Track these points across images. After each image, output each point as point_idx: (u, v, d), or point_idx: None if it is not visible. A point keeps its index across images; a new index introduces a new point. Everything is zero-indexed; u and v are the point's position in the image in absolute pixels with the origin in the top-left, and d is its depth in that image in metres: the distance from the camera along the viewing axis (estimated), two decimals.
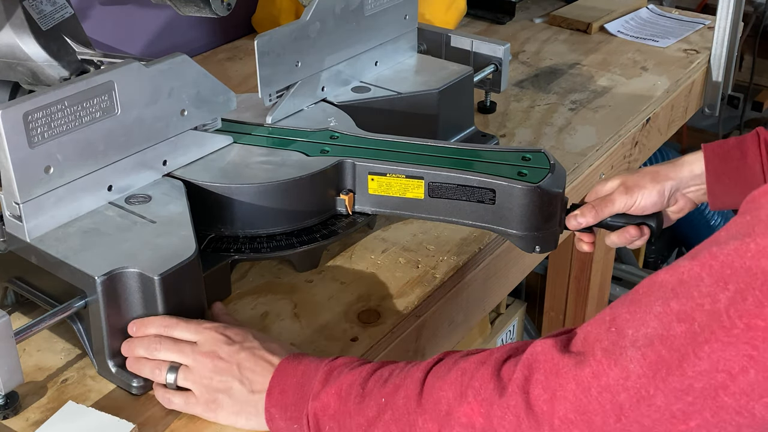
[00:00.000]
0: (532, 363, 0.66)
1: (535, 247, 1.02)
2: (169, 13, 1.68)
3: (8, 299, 1.00)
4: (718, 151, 1.02)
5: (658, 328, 0.59)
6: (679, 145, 2.92)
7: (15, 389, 0.85)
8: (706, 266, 0.59)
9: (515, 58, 1.67)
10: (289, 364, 0.82)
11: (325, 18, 1.17)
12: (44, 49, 1.03)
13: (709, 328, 0.57)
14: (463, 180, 1.01)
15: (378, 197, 1.06)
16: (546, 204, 0.99)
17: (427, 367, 0.74)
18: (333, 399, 0.77)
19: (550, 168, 1.01)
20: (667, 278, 0.61)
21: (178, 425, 0.85)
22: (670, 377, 0.58)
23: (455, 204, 1.03)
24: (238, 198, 1.01)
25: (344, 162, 1.05)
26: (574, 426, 0.62)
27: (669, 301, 0.60)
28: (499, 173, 1.01)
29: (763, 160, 0.99)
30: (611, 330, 0.62)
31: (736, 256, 0.57)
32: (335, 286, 1.05)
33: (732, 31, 1.68)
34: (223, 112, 1.09)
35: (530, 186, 0.98)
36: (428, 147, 1.07)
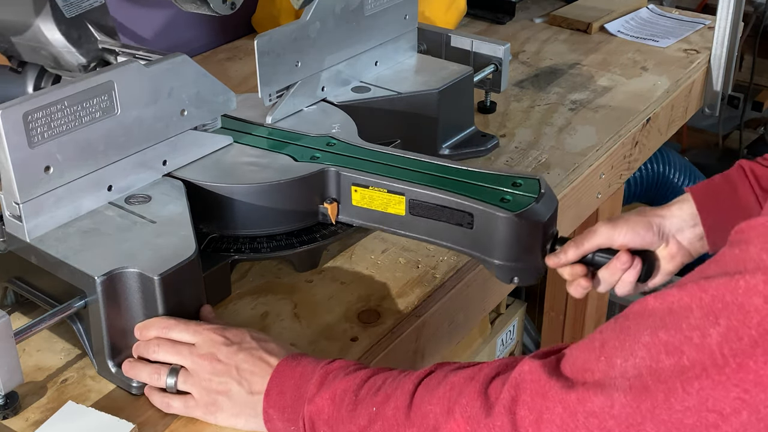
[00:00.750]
0: (519, 383, 0.65)
1: (514, 278, 0.97)
2: (169, 13, 1.68)
3: (8, 299, 1.00)
4: (707, 191, 0.97)
5: (647, 359, 0.59)
6: (679, 145, 2.92)
7: (15, 389, 0.85)
8: (695, 298, 0.58)
9: (515, 58, 1.67)
10: (287, 366, 0.82)
11: (325, 18, 1.17)
12: (64, 36, 1.04)
13: (700, 363, 0.56)
14: (442, 201, 0.97)
15: (361, 209, 1.03)
16: (526, 234, 0.95)
17: (418, 378, 0.74)
18: (327, 404, 0.77)
19: (537, 197, 0.96)
20: (656, 306, 0.60)
21: (178, 425, 0.85)
22: (657, 410, 0.58)
23: (435, 224, 0.99)
24: (225, 197, 1.02)
25: (328, 170, 1.03)
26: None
27: (658, 330, 0.59)
28: (481, 197, 0.97)
29: (755, 191, 0.95)
30: (601, 359, 0.62)
31: (727, 291, 0.56)
32: (335, 286, 1.05)
33: (732, 31, 1.68)
34: (223, 112, 1.09)
35: (509, 214, 0.94)
36: (417, 162, 1.04)
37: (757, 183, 0.96)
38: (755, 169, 0.97)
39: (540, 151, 1.33)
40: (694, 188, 0.98)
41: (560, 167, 1.28)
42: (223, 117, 1.10)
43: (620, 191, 1.62)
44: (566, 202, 1.27)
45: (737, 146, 2.82)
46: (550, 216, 0.96)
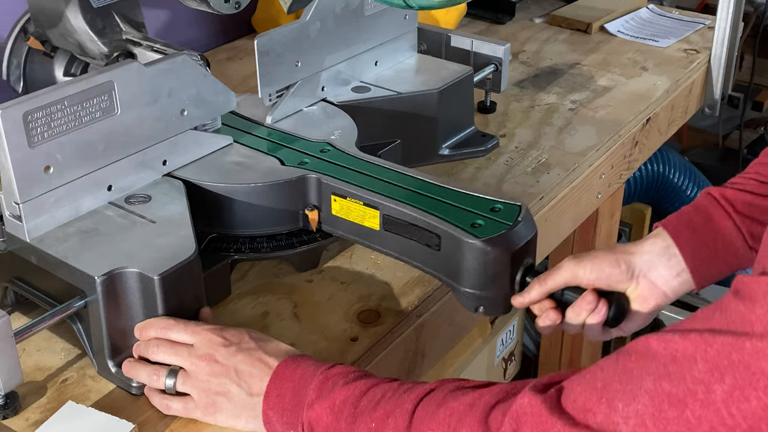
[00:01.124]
0: (520, 416, 0.65)
1: (479, 308, 0.92)
2: (170, 13, 1.68)
3: (8, 299, 1.00)
4: (681, 224, 0.92)
5: (649, 407, 0.59)
6: (679, 145, 2.92)
7: (15, 389, 0.85)
8: (700, 350, 0.58)
9: (515, 58, 1.67)
10: (286, 368, 0.82)
11: (325, 18, 1.17)
12: (88, 25, 1.06)
13: (707, 420, 0.56)
14: (412, 218, 0.94)
15: (340, 219, 1.01)
16: (492, 263, 0.89)
17: (417, 397, 0.74)
18: (326, 412, 0.77)
19: (511, 225, 0.91)
20: (659, 350, 0.60)
21: (178, 425, 0.85)
22: None
23: (407, 242, 0.95)
24: (222, 196, 1.02)
25: (309, 177, 1.02)
26: None
27: (661, 379, 0.59)
28: (451, 219, 0.92)
29: (732, 217, 0.91)
30: (602, 401, 0.62)
31: (733, 350, 0.56)
32: (335, 286, 1.05)
33: (732, 31, 1.68)
34: (223, 111, 1.09)
35: (475, 240, 0.89)
36: (402, 177, 1.01)
37: (732, 208, 0.91)
38: (726, 194, 0.92)
39: (540, 151, 1.33)
40: (666, 222, 0.93)
41: (560, 167, 1.28)
42: (228, 114, 1.10)
43: (620, 191, 1.62)
44: (566, 202, 1.27)
45: (737, 146, 2.82)
46: (521, 246, 0.91)
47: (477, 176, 1.26)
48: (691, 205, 0.94)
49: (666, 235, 0.91)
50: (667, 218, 0.93)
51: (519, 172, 1.27)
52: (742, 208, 0.91)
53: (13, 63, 1.14)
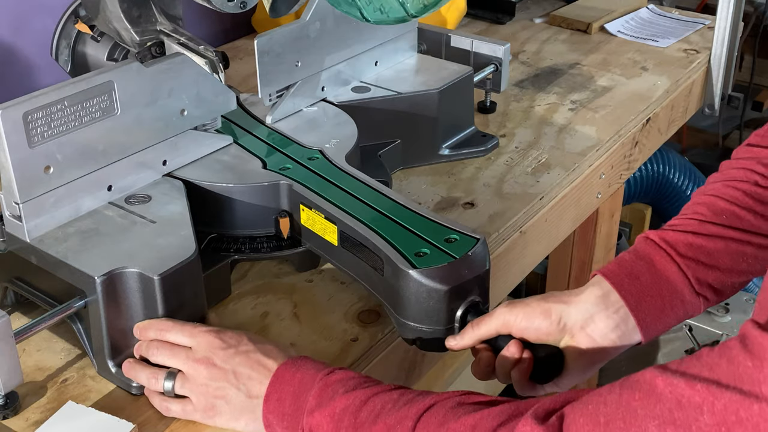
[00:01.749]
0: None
1: (416, 340, 0.88)
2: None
3: (8, 299, 1.00)
4: (621, 272, 0.86)
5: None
6: (679, 145, 2.92)
7: (15, 389, 0.85)
8: (707, 402, 0.58)
9: (515, 58, 1.67)
10: (286, 371, 0.82)
11: (325, 18, 1.17)
12: (124, 13, 1.06)
13: None
14: (363, 238, 0.91)
15: (307, 230, 1.00)
16: (425, 296, 0.85)
17: (417, 415, 0.73)
18: (326, 420, 0.77)
19: (456, 259, 0.86)
20: (665, 393, 0.60)
21: (178, 425, 0.85)
22: None
23: (357, 262, 0.93)
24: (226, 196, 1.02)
25: (280, 184, 1.01)
26: None
27: (665, 426, 0.59)
28: (398, 243, 0.89)
29: (675, 260, 0.86)
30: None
31: (741, 408, 0.57)
32: (335, 286, 1.05)
33: (732, 31, 1.68)
34: (223, 112, 1.09)
35: (408, 268, 0.85)
36: (371, 194, 0.98)
37: (674, 250, 0.87)
38: (666, 237, 0.88)
39: (540, 151, 1.33)
40: (605, 270, 0.87)
41: (560, 167, 1.28)
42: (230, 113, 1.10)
43: (620, 191, 1.62)
44: (566, 202, 1.27)
45: (737, 146, 2.82)
46: (463, 282, 0.86)
47: (477, 176, 1.26)
48: (629, 251, 0.89)
49: (605, 283, 0.86)
50: (606, 266, 0.88)
51: (519, 172, 1.27)
52: (685, 250, 0.86)
53: (62, 44, 1.15)
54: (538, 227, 1.21)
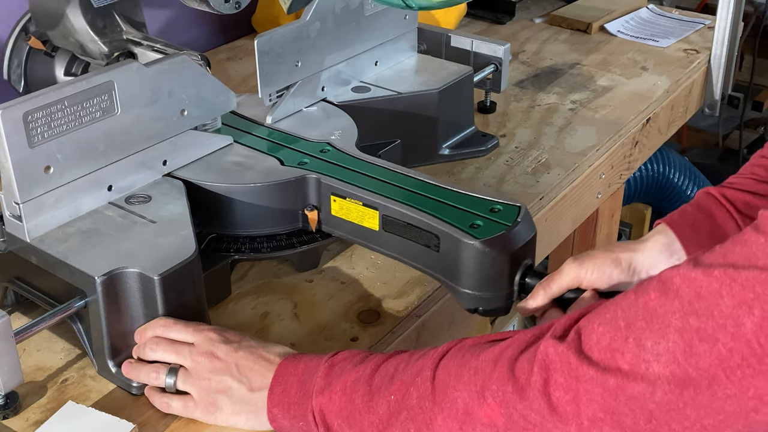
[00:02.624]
0: (548, 365, 0.65)
1: (479, 308, 0.92)
2: (170, 13, 1.68)
3: (8, 299, 1.00)
4: (684, 222, 0.92)
5: (680, 344, 0.59)
6: (679, 145, 2.92)
7: (15, 389, 0.85)
8: (725, 285, 0.58)
9: (515, 58, 1.67)
10: (289, 364, 0.82)
11: (325, 18, 1.17)
12: (89, 25, 1.06)
13: (738, 352, 0.57)
14: (411, 219, 0.94)
15: (339, 220, 1.01)
16: (491, 264, 0.89)
17: (434, 363, 0.73)
18: (338, 396, 0.77)
19: (510, 225, 0.91)
20: (682, 287, 0.60)
21: (178, 425, 0.85)
22: (699, 396, 0.59)
23: (406, 243, 0.95)
24: (222, 196, 1.02)
25: (308, 177, 1.02)
26: (604, 423, 0.63)
27: (688, 316, 0.59)
28: (450, 219, 0.92)
29: (734, 216, 0.91)
30: (629, 340, 0.62)
31: (757, 283, 0.57)
32: (335, 286, 1.05)
33: (732, 31, 1.68)
34: (223, 112, 1.09)
35: (474, 240, 0.89)
36: (402, 178, 1.01)
37: (733, 207, 0.92)
38: (726, 194, 0.93)
39: (540, 151, 1.33)
40: (669, 220, 0.93)
41: (560, 167, 1.28)
42: (228, 114, 1.10)
43: (620, 191, 1.62)
44: (566, 202, 1.27)
45: (737, 146, 2.82)
46: (520, 247, 0.90)
47: (477, 176, 1.26)
48: (691, 204, 0.93)
49: (669, 232, 0.91)
50: (669, 216, 0.93)
51: (519, 172, 1.27)
52: (743, 207, 0.91)
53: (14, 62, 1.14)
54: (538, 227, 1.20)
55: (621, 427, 0.62)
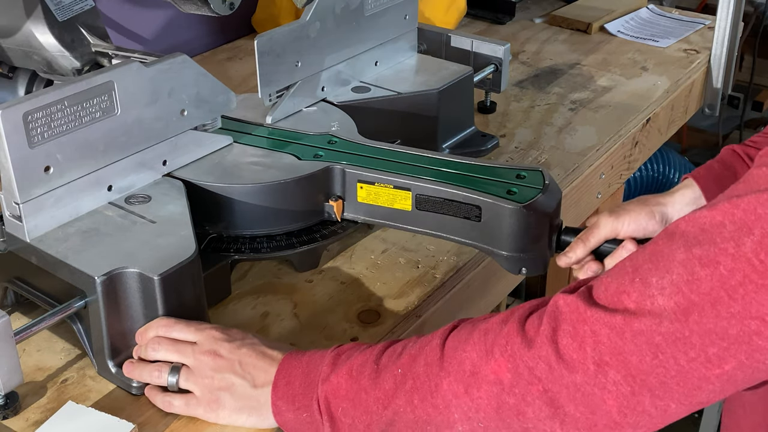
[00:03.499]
0: (557, 315, 0.66)
1: (522, 269, 0.98)
2: (169, 13, 1.68)
3: (8, 299, 1.00)
4: (710, 177, 0.98)
5: (684, 274, 0.60)
6: (679, 145, 2.92)
7: (15, 389, 0.85)
8: (728, 214, 0.60)
9: (515, 58, 1.67)
10: (293, 357, 0.82)
11: (325, 18, 1.17)
12: (57, 40, 1.04)
13: (740, 271, 0.58)
14: (449, 194, 0.98)
15: (367, 206, 1.04)
16: (533, 225, 0.96)
17: (443, 334, 0.74)
18: (344, 379, 0.77)
19: (542, 188, 0.97)
20: (687, 228, 0.62)
21: (178, 425, 0.85)
22: (704, 319, 0.59)
23: (442, 218, 1.00)
24: (228, 197, 1.01)
25: (333, 168, 1.03)
26: (610, 367, 0.63)
27: (691, 248, 0.61)
28: (487, 190, 0.98)
29: None
30: (635, 280, 0.63)
31: (758, 205, 0.58)
32: (335, 286, 1.05)
33: (732, 31, 1.68)
34: (223, 112, 1.09)
35: (516, 205, 0.95)
36: (421, 158, 1.04)
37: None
38: (749, 153, 0.97)
39: (540, 151, 1.33)
40: (696, 174, 0.98)
41: (560, 167, 1.28)
42: (223, 118, 1.10)
43: (620, 191, 1.62)
44: (566, 202, 1.27)
45: None
46: (555, 206, 0.97)
47: None
48: (716, 160, 0.98)
49: (696, 187, 0.97)
50: (696, 170, 0.98)
51: None
52: None
53: None
54: None
55: (626, 367, 0.63)
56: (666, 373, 0.62)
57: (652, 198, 0.98)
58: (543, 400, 0.66)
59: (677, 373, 0.61)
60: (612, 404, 0.64)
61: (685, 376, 0.61)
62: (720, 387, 0.61)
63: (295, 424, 0.80)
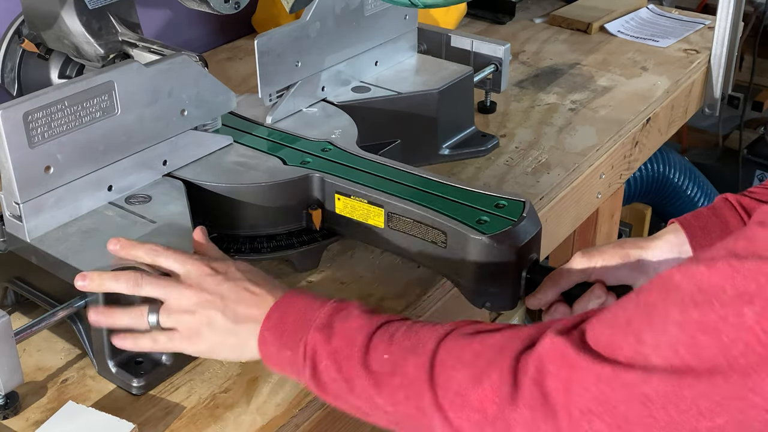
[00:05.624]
0: (543, 357, 0.66)
1: (485, 303, 0.93)
2: (169, 13, 1.68)
3: (8, 299, 1.00)
4: (697, 224, 0.93)
5: (680, 336, 0.59)
6: (679, 145, 2.92)
7: (15, 389, 0.85)
8: (728, 278, 0.58)
9: (515, 58, 1.67)
10: (293, 295, 0.82)
11: (325, 18, 1.17)
12: (84, 27, 1.06)
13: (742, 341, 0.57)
14: (418, 216, 0.95)
15: (343, 218, 1.02)
16: (498, 258, 0.90)
17: (438, 338, 0.73)
18: (337, 338, 0.76)
19: (516, 221, 0.92)
20: (683, 283, 0.60)
21: (178, 425, 0.85)
22: (699, 383, 0.58)
23: (411, 240, 0.96)
24: (223, 196, 1.02)
25: (312, 176, 1.02)
26: (595, 415, 0.62)
27: (688, 309, 0.59)
28: (457, 216, 0.93)
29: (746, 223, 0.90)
30: (629, 337, 0.62)
31: (761, 274, 0.57)
32: (335, 286, 1.05)
33: (732, 31, 1.68)
34: (223, 112, 1.09)
35: (481, 236, 0.90)
36: (406, 175, 1.02)
37: (747, 215, 0.92)
38: (743, 202, 0.93)
39: (540, 151, 1.33)
40: (683, 220, 0.94)
41: (560, 167, 1.28)
42: (228, 114, 1.10)
43: (620, 191, 1.62)
44: (566, 202, 1.27)
45: (737, 146, 2.82)
46: (527, 242, 0.92)
47: (477, 176, 1.26)
48: (708, 207, 0.94)
49: (681, 233, 0.92)
50: (684, 216, 0.94)
51: (519, 172, 1.27)
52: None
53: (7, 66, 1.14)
54: None
55: (613, 416, 0.62)
56: (655, 424, 0.60)
57: (632, 241, 0.93)
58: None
59: (667, 424, 0.60)
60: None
61: (675, 428, 0.60)
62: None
63: (275, 358, 0.80)
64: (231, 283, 0.83)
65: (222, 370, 0.91)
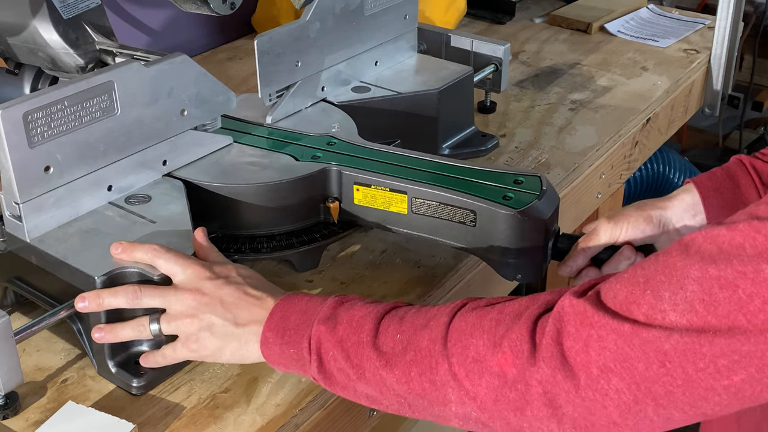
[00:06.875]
0: (562, 317, 0.66)
1: (516, 275, 0.97)
2: (169, 13, 1.68)
3: (8, 299, 1.00)
4: (710, 185, 0.98)
5: (698, 292, 0.60)
6: (680, 145, 2.92)
7: (15, 389, 0.85)
8: (749, 237, 0.59)
9: (515, 58, 1.67)
10: (294, 295, 0.82)
11: (325, 18, 1.17)
12: (62, 37, 1.05)
13: (759, 296, 0.57)
14: (444, 198, 0.98)
15: (363, 208, 1.03)
16: (528, 231, 0.95)
17: (451, 312, 0.74)
18: (342, 327, 0.76)
19: (539, 194, 0.96)
20: (704, 244, 0.61)
21: (178, 425, 0.85)
22: (717, 339, 0.59)
23: (437, 222, 0.99)
24: (226, 197, 1.02)
25: (330, 169, 1.03)
26: (613, 374, 0.63)
27: (707, 266, 0.60)
28: (483, 195, 0.97)
29: (757, 186, 0.96)
30: (647, 292, 0.63)
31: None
32: (335, 286, 1.05)
33: (732, 31, 1.68)
34: (223, 112, 1.09)
35: (512, 211, 0.94)
36: (419, 161, 1.04)
37: (758, 178, 0.96)
38: (756, 164, 0.97)
39: (540, 151, 1.33)
40: (697, 180, 0.98)
41: (560, 167, 1.28)
42: (223, 117, 1.10)
43: (620, 191, 1.62)
44: (566, 202, 1.27)
45: (737, 146, 2.82)
46: (552, 213, 0.96)
47: None
48: (722, 168, 0.98)
49: (695, 192, 0.97)
50: (698, 176, 0.98)
51: None
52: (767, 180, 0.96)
53: None
54: None
55: (631, 374, 0.62)
56: (673, 381, 0.61)
57: (651, 203, 0.98)
58: (542, 401, 0.66)
59: (684, 382, 0.61)
60: (613, 410, 0.64)
61: (692, 385, 0.61)
62: (726, 400, 0.61)
63: (279, 358, 0.80)
64: (231, 287, 0.83)
65: (222, 371, 0.91)
